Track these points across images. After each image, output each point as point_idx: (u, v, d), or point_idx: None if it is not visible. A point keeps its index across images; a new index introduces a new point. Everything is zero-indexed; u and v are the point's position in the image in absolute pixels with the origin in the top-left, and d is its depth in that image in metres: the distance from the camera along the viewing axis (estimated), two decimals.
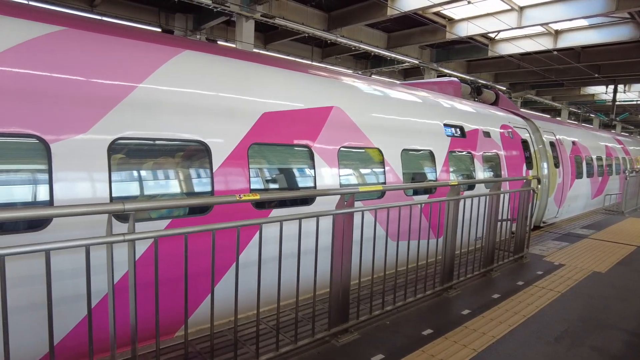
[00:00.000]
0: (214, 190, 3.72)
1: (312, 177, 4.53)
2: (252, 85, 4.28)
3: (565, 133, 11.37)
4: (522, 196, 5.98)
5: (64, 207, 2.17)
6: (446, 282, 4.74)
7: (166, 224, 3.50)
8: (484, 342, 3.59)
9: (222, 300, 3.77)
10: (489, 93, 9.94)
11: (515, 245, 6.25)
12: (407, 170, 5.74)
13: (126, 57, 3.51)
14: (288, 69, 4.83)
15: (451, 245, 4.70)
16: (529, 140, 9.09)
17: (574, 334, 3.83)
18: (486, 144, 7.49)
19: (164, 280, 3.44)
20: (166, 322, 3.57)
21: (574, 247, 7.29)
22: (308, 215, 3.17)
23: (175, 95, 3.66)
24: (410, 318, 4.06)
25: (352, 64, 23.28)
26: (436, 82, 8.89)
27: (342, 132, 4.94)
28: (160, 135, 3.51)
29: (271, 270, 3.18)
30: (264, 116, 4.20)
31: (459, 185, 4.63)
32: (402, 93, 6.43)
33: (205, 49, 4.20)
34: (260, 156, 4.16)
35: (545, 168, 9.51)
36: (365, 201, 4.96)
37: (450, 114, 6.98)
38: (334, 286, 3.53)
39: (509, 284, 5.17)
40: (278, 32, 18.12)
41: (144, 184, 3.51)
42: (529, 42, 17.95)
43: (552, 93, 30.60)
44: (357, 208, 3.50)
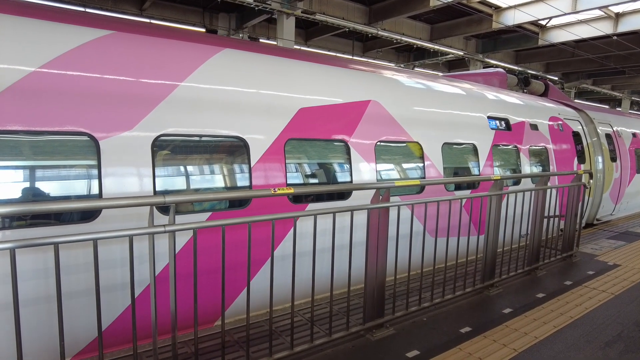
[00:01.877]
0: (251, 184, 3.81)
1: (348, 172, 4.53)
2: (288, 81, 4.33)
3: (625, 124, 10.59)
4: (571, 191, 5.66)
5: (109, 200, 2.32)
6: (487, 280, 4.59)
7: (207, 217, 3.64)
8: (525, 342, 3.45)
9: (260, 291, 3.87)
10: (537, 84, 9.45)
11: (564, 244, 5.93)
12: (448, 164, 5.59)
13: (168, 56, 3.67)
14: (324, 64, 4.84)
15: (493, 242, 4.54)
16: (581, 133, 8.56)
17: (628, 339, 3.59)
18: (533, 137, 7.13)
19: (205, 271, 3.59)
20: (206, 311, 3.72)
21: (631, 247, 6.81)
22: (342, 210, 3.17)
23: (215, 93, 3.79)
24: (448, 315, 3.98)
25: (394, 57, 22.92)
26: (480, 73, 8.57)
27: (379, 126, 4.89)
28: (200, 131, 3.65)
29: (307, 264, 3.22)
30: (301, 112, 4.24)
31: (502, 180, 4.46)
32: (444, 85, 6.26)
33: (243, 47, 4.30)
34: (296, 151, 4.21)
35: (600, 162, 8.92)
36: (404, 196, 4.89)
37: (494, 106, 6.71)
38: (369, 281, 3.52)
39: (556, 284, 4.93)
40: (319, 28, 18.17)
41: (185, 179, 3.67)
42: (584, 28, 16.83)
43: (611, 82, 28.57)
44: (392, 203, 3.47)
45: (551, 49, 20.71)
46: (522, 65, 22.49)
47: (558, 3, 14.08)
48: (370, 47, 21.14)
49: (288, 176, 4.06)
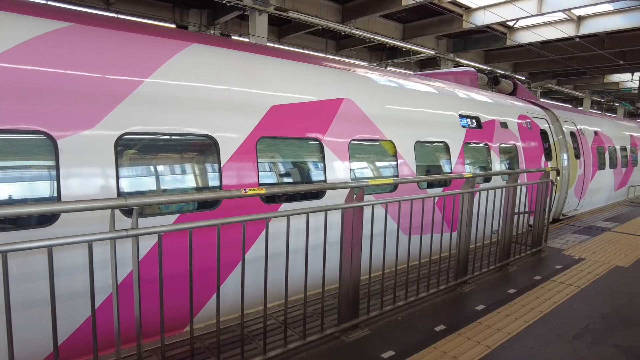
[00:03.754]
0: (222, 184, 3.69)
1: (322, 171, 4.46)
2: (260, 78, 4.23)
3: (587, 123, 10.99)
4: (540, 188, 5.80)
5: (66, 203, 2.16)
6: (460, 277, 4.63)
7: (174, 219, 3.49)
8: (498, 338, 3.48)
9: (233, 295, 3.76)
10: (506, 83, 9.67)
11: (533, 239, 6.07)
12: (421, 162, 5.62)
13: (132, 51, 3.49)
14: (297, 61, 4.76)
15: (466, 239, 4.58)
16: (548, 131, 8.81)
17: (595, 332, 3.68)
18: (503, 135, 7.28)
19: (175, 275, 3.45)
20: (177, 316, 3.58)
21: (595, 241, 7.05)
22: (316, 210, 3.10)
23: (182, 90, 3.64)
24: (423, 314, 3.98)
25: (368, 56, 23.03)
26: (452, 72, 8.68)
27: (353, 124, 4.85)
28: (167, 130, 3.50)
29: (281, 265, 3.14)
30: (273, 109, 4.15)
31: (474, 178, 4.51)
32: (416, 84, 6.28)
33: (212, 42, 4.16)
34: (269, 150, 4.12)
35: (565, 159, 9.22)
36: (378, 195, 4.87)
37: (466, 105, 6.79)
38: (344, 281, 3.47)
39: (526, 279, 5.03)
40: (292, 26, 18.03)
41: (151, 179, 3.51)
42: (549, 30, 17.40)
43: (574, 82, 29.71)
44: (366, 202, 3.43)
45: (519, 50, 21.32)
46: (491, 65, 23.04)
47: (525, 4, 14.47)
48: (344, 46, 21.16)
49: (260, 176, 3.96)
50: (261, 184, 3.96)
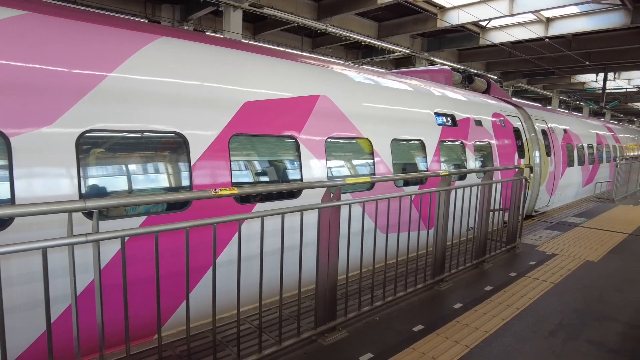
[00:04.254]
0: (192, 184, 3.53)
1: (298, 169, 4.35)
2: (233, 73, 4.07)
3: (557, 121, 11.28)
4: (514, 185, 5.86)
5: (18, 207, 1.98)
6: (437, 275, 4.61)
7: (142, 221, 3.32)
8: (476, 337, 3.46)
9: (205, 299, 3.61)
10: (480, 81, 9.79)
11: (508, 236, 6.15)
12: (398, 160, 5.58)
13: (95, 44, 3.29)
14: (272, 57, 4.62)
15: (442, 237, 4.57)
16: (520, 129, 8.97)
17: (569, 327, 3.72)
18: (478, 133, 7.34)
19: (143, 280, 3.28)
20: (145, 324, 3.41)
21: (566, 236, 7.22)
22: (291, 210, 2.99)
23: (150, 85, 3.46)
24: (401, 313, 3.93)
25: (343, 54, 23.00)
26: (427, 70, 8.71)
27: (329, 122, 4.75)
28: (133, 127, 3.31)
29: (256, 268, 3.01)
30: (246, 105, 4.00)
31: (450, 176, 4.49)
32: (392, 81, 6.25)
33: (182, 36, 3.98)
34: (242, 148, 3.97)
35: (537, 156, 9.42)
36: (354, 193, 4.80)
37: (441, 103, 6.81)
38: (321, 282, 3.38)
39: (502, 276, 5.06)
40: (267, 22, 17.80)
41: (116, 180, 3.31)
42: (520, 30, 17.79)
43: (543, 81, 30.58)
44: (343, 201, 3.34)
45: (491, 49, 21.73)
46: (464, 64, 23.40)
47: (497, 5, 14.72)
48: (320, 44, 21.07)
49: (233, 175, 3.81)
50: (234, 183, 3.81)
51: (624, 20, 15.54)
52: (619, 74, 27.82)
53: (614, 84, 29.05)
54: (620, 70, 26.39)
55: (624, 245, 6.70)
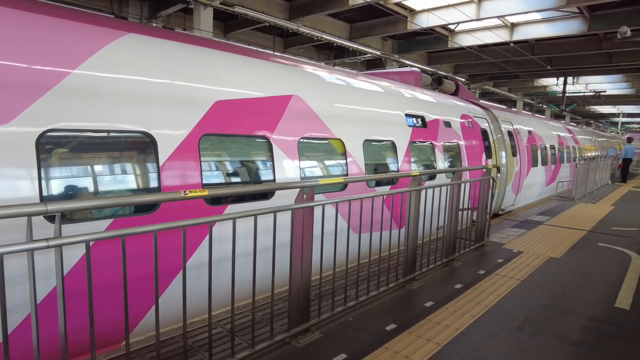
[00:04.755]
0: (161, 186, 3.43)
1: (270, 170, 4.31)
2: (203, 72, 3.98)
3: (522, 123, 11.68)
4: (482, 185, 6.02)
5: None
6: (409, 274, 4.68)
7: (108, 224, 3.19)
8: (448, 335, 3.53)
9: (175, 303, 3.51)
10: (449, 83, 10.01)
11: (476, 234, 6.31)
12: (370, 161, 5.63)
13: (57, 39, 3.13)
14: (243, 55, 4.55)
15: (413, 236, 4.64)
16: (488, 130, 9.23)
17: (535, 322, 3.85)
18: (447, 134, 7.50)
19: (110, 285, 3.16)
20: (113, 330, 3.28)
21: (531, 234, 7.48)
22: (264, 212, 2.95)
23: (116, 82, 3.33)
24: (374, 313, 3.95)
25: (315, 55, 23.02)
26: (397, 72, 8.83)
27: (302, 122, 4.73)
28: (98, 126, 3.18)
29: (228, 270, 2.95)
30: (217, 105, 3.92)
31: (421, 176, 4.56)
32: (364, 83, 6.29)
33: (150, 33, 3.86)
34: (213, 148, 3.89)
35: (504, 157, 9.72)
36: (328, 194, 4.80)
37: (411, 104, 6.91)
38: (294, 284, 3.35)
39: (471, 274, 5.19)
40: (238, 21, 17.59)
41: (81, 181, 3.17)
42: (487, 34, 18.35)
43: (508, 84, 31.64)
44: (317, 202, 3.33)
45: (459, 52, 22.28)
46: (433, 66, 23.90)
47: (465, 9, 15.11)
48: (292, 44, 21.01)
49: (204, 176, 3.73)
50: (204, 184, 3.73)
51: (582, 28, 16.32)
52: (577, 78, 29.16)
53: (573, 88, 30.45)
54: (579, 75, 27.70)
55: (584, 242, 7.01)
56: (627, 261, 5.96)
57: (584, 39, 19.28)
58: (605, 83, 30.87)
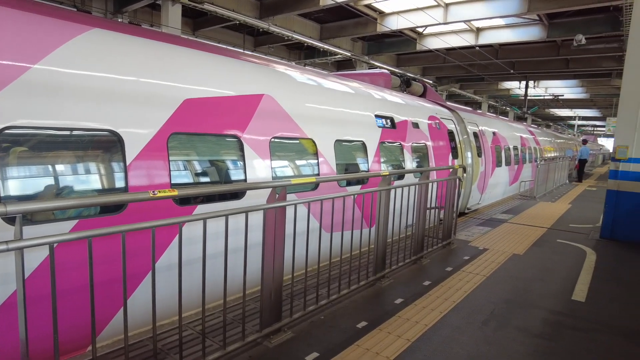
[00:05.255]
0: (128, 186, 3.34)
1: (242, 170, 4.27)
2: (172, 69, 3.90)
3: (487, 124, 12.09)
4: (449, 185, 6.19)
5: None
6: (379, 272, 4.75)
7: (73, 225, 3.08)
8: (417, 331, 3.61)
9: (145, 306, 3.43)
10: (417, 85, 10.23)
11: (444, 232, 6.48)
12: (341, 161, 5.68)
13: (16, 32, 2.99)
14: (214, 54, 4.49)
15: (383, 234, 4.71)
16: (454, 131, 9.50)
17: (499, 316, 4.00)
18: (415, 135, 7.67)
19: (76, 289, 3.05)
20: (80, 335, 3.17)
21: (495, 232, 7.76)
22: (235, 212, 2.93)
23: (80, 79, 3.21)
24: (345, 311, 4.00)
25: (286, 54, 22.97)
26: (367, 73, 8.95)
27: (273, 121, 4.72)
28: (62, 124, 3.06)
29: (199, 271, 2.91)
30: (186, 103, 3.85)
31: (390, 176, 4.65)
32: (335, 83, 6.34)
33: (117, 28, 3.74)
34: (182, 147, 3.82)
35: (470, 157, 10.03)
36: (299, 193, 4.81)
37: (381, 105, 7.03)
38: (266, 284, 3.34)
39: (439, 271, 5.33)
40: (208, 19, 17.31)
41: (43, 181, 3.05)
42: (454, 38, 18.87)
43: (474, 87, 32.66)
44: (289, 202, 3.33)
45: (427, 55, 22.81)
46: (402, 68, 24.34)
47: (433, 12, 15.49)
48: (262, 42, 20.88)
49: (173, 175, 3.66)
50: (173, 184, 3.66)
51: (541, 34, 17.08)
52: (538, 82, 30.48)
53: (534, 91, 31.80)
54: (539, 79, 28.95)
55: (544, 238, 7.34)
56: (583, 256, 6.29)
57: (543, 45, 20.17)
58: (563, 87, 32.42)
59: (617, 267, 5.81)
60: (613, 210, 7.50)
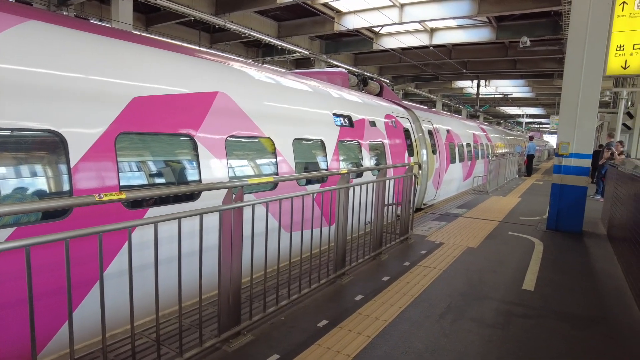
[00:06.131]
0: (72, 189, 3.14)
1: (196, 170, 4.14)
2: (119, 66, 3.70)
3: (441, 122, 12.48)
4: (405, 181, 6.32)
5: None
6: (339, 269, 4.77)
7: (9, 234, 2.85)
8: (377, 327, 3.65)
9: (94, 316, 3.25)
10: (373, 84, 10.38)
11: (401, 228, 6.62)
12: (299, 160, 5.65)
13: None
14: (165, 50, 4.32)
15: (343, 232, 4.74)
16: (410, 129, 9.72)
17: (456, 309, 4.12)
18: (372, 133, 7.78)
19: (15, 302, 2.83)
20: (18, 352, 2.95)
21: (451, 226, 8.02)
22: (189, 214, 2.82)
23: (16, 75, 2.98)
24: (306, 310, 3.98)
25: (243, 52, 22.61)
26: (325, 72, 8.97)
27: (229, 120, 4.61)
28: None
29: (152, 277, 2.78)
30: (135, 101, 3.67)
31: (349, 174, 4.67)
32: (293, 82, 6.30)
33: (58, 21, 3.50)
34: (131, 148, 3.64)
35: (425, 154, 10.31)
36: (257, 193, 4.73)
37: (339, 104, 7.06)
38: (223, 287, 3.26)
39: (397, 266, 5.43)
40: (161, 14, 16.72)
41: None
42: (409, 38, 19.32)
43: (429, 86, 33.65)
44: (246, 202, 3.26)
45: (384, 54, 23.21)
46: (360, 67, 24.66)
47: (388, 12, 15.77)
48: (219, 39, 20.43)
49: (121, 177, 3.48)
50: (122, 187, 3.48)
51: (490, 36, 17.86)
52: (489, 82, 31.86)
53: (485, 90, 33.23)
54: (489, 78, 30.26)
55: (496, 231, 7.67)
56: (532, 247, 6.63)
57: (493, 47, 21.10)
58: (511, 87, 34.12)
59: (561, 257, 6.17)
60: (557, 203, 7.96)
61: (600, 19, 7.31)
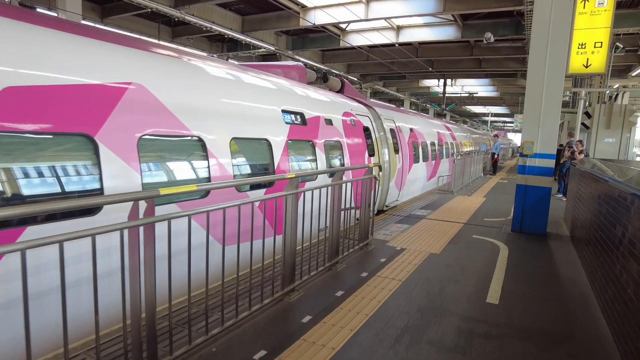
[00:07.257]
0: None
1: (96, 177, 3.41)
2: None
3: (404, 120, 12.15)
4: (364, 184, 5.87)
5: None
6: (287, 285, 4.25)
7: None
8: (323, 357, 3.16)
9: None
10: (335, 80, 9.91)
11: (360, 233, 6.17)
12: (239, 162, 5.03)
13: None
14: (56, 30, 3.48)
15: (292, 243, 4.22)
16: (371, 128, 9.29)
17: (413, 329, 3.69)
18: (328, 132, 7.25)
19: None
20: None
21: (413, 229, 7.65)
22: (73, 237, 2.21)
23: None
24: (243, 338, 3.43)
25: (207, 46, 21.70)
26: (280, 65, 8.40)
27: (144, 116, 3.87)
28: None
29: (20, 316, 2.15)
30: (8, 92, 2.92)
31: (298, 178, 4.15)
32: (234, 73, 5.63)
33: None
34: (3, 151, 2.90)
35: (386, 154, 9.91)
36: (182, 203, 4.11)
37: (290, 100, 6.47)
38: (134, 319, 2.68)
39: (353, 277, 4.97)
40: (117, 5, 15.70)
41: None
42: (376, 35, 19.03)
43: (396, 84, 33.66)
44: (159, 217, 2.69)
45: (351, 52, 22.86)
46: (327, 64, 24.20)
47: (354, 8, 15.36)
48: (180, 33, 19.48)
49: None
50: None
51: (456, 34, 17.80)
52: (455, 80, 32.17)
53: (451, 89, 33.56)
54: (455, 77, 30.54)
55: (460, 235, 7.36)
56: (496, 252, 6.33)
57: (458, 45, 21.13)
58: (476, 86, 34.63)
59: (526, 263, 5.88)
60: (522, 204, 7.74)
61: (562, 15, 7.11)
